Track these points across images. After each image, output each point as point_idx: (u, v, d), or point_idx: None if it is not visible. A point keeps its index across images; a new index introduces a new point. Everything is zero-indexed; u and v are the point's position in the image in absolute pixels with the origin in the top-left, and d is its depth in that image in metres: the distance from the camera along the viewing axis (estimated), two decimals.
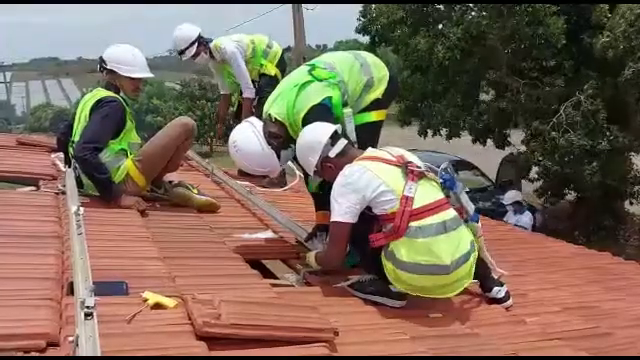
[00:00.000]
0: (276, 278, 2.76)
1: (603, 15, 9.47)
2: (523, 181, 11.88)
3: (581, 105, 9.78)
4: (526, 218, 8.93)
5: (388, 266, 2.33)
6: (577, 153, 9.70)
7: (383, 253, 2.34)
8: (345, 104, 2.82)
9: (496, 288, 2.59)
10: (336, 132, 2.57)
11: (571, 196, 11.81)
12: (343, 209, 2.36)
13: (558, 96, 10.27)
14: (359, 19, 12.27)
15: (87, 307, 1.61)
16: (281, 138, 2.78)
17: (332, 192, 2.42)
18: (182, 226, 3.16)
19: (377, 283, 2.41)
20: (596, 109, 9.66)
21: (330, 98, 2.76)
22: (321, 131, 2.56)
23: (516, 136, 11.54)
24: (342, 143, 2.55)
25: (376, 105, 2.92)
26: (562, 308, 2.69)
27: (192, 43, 4.88)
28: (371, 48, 12.10)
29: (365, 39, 12.76)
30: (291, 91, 2.79)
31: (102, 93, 3.45)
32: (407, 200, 2.30)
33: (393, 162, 2.42)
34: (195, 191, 3.62)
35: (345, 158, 2.50)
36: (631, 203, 11.27)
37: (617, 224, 11.31)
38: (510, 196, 9.20)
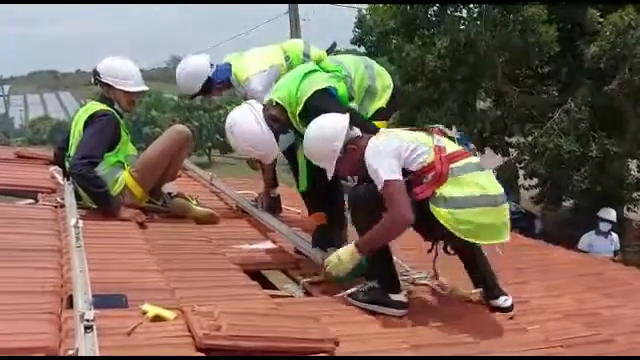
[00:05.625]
0: (276, 289, 2.75)
1: (595, 21, 9.57)
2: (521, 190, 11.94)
3: (570, 112, 9.88)
4: (616, 239, 7.45)
5: (442, 213, 2.30)
6: (566, 158, 9.78)
7: (432, 204, 2.32)
8: (351, 98, 2.82)
9: (503, 297, 2.58)
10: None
11: (569, 203, 11.85)
12: (387, 168, 2.34)
13: (552, 103, 10.36)
14: (354, 30, 12.36)
15: (87, 320, 1.61)
16: (281, 122, 2.77)
17: (368, 164, 2.40)
18: (181, 238, 3.16)
19: (377, 292, 2.40)
20: (583, 116, 9.75)
21: (335, 89, 2.76)
22: (339, 117, 2.55)
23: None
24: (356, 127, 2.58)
25: (379, 115, 2.93)
26: (563, 315, 2.68)
27: (196, 95, 3.72)
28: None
29: (361, 50, 12.87)
30: (296, 79, 2.80)
31: (95, 107, 3.46)
32: (440, 148, 2.40)
33: (412, 129, 2.56)
34: (194, 202, 3.62)
35: (364, 140, 2.51)
36: (629, 209, 11.30)
37: (616, 230, 11.33)
38: (610, 215, 7.55)
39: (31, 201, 3.56)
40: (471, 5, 10.93)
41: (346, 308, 2.43)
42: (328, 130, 2.53)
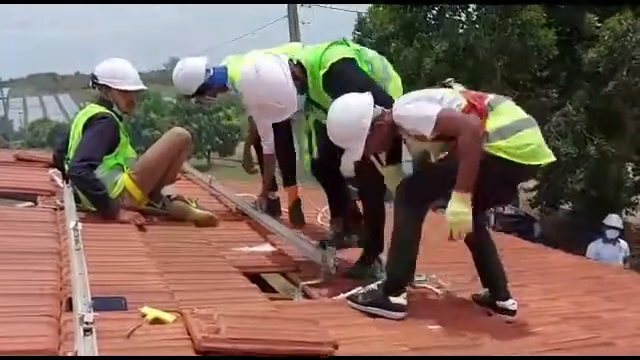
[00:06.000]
0: (275, 292, 2.75)
1: (593, 25, 9.60)
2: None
3: (568, 115, 9.91)
4: (625, 247, 7.13)
5: (501, 145, 2.28)
6: (563, 161, 9.80)
7: (486, 144, 2.28)
8: None
9: (511, 300, 2.55)
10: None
11: (568, 206, 11.85)
12: (428, 106, 2.32)
13: (551, 107, 10.38)
14: (354, 33, 12.40)
15: (86, 323, 1.61)
16: (300, 80, 2.75)
17: (405, 116, 2.38)
18: (180, 240, 3.16)
19: (377, 295, 2.40)
20: (580, 119, 9.77)
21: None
22: (362, 95, 2.49)
23: None
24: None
25: None
26: (562, 318, 2.69)
27: (192, 96, 3.71)
28: None
29: None
30: (322, 46, 2.79)
31: (94, 110, 3.46)
32: (466, 91, 2.47)
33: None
34: (194, 205, 3.62)
35: (388, 114, 2.47)
36: (627, 213, 11.30)
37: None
38: (615, 221, 7.29)
39: (30, 204, 3.57)
40: (470, 9, 10.98)
41: (345, 311, 2.42)
42: (354, 108, 2.44)
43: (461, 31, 10.69)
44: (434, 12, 11.50)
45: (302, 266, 2.96)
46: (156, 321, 1.93)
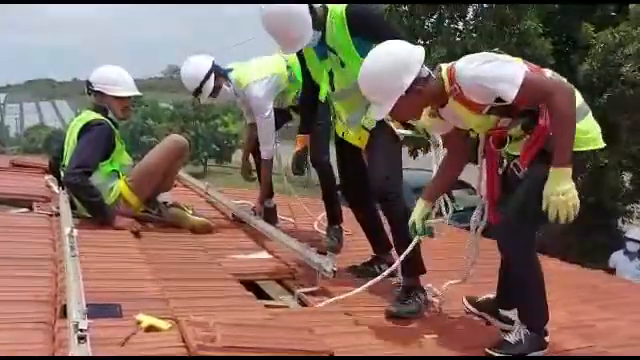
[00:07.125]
0: (271, 299, 2.74)
1: (589, 36, 9.67)
2: None
3: None
4: None
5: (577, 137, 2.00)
6: None
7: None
8: None
9: (514, 310, 2.45)
10: None
11: None
12: (511, 64, 2.02)
13: None
14: None
15: (80, 330, 1.60)
16: (317, 15, 2.69)
17: (491, 72, 2.00)
18: (176, 247, 3.15)
19: (535, 339, 2.22)
20: None
21: None
22: (414, 47, 2.11)
23: None
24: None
25: None
26: (558, 327, 2.68)
27: (207, 76, 3.58)
28: None
29: None
30: None
31: (89, 116, 3.46)
32: (523, 60, 2.22)
33: None
34: (190, 212, 3.62)
35: (432, 81, 2.09)
36: (623, 222, 11.35)
37: (611, 242, 11.37)
38: (636, 234, 6.92)
39: (26, 210, 3.56)
40: (467, 18, 11.05)
41: (341, 319, 2.42)
42: (398, 61, 2.04)
43: (459, 39, 10.75)
44: (432, 20, 11.56)
45: (298, 273, 2.95)
46: (151, 328, 1.93)
